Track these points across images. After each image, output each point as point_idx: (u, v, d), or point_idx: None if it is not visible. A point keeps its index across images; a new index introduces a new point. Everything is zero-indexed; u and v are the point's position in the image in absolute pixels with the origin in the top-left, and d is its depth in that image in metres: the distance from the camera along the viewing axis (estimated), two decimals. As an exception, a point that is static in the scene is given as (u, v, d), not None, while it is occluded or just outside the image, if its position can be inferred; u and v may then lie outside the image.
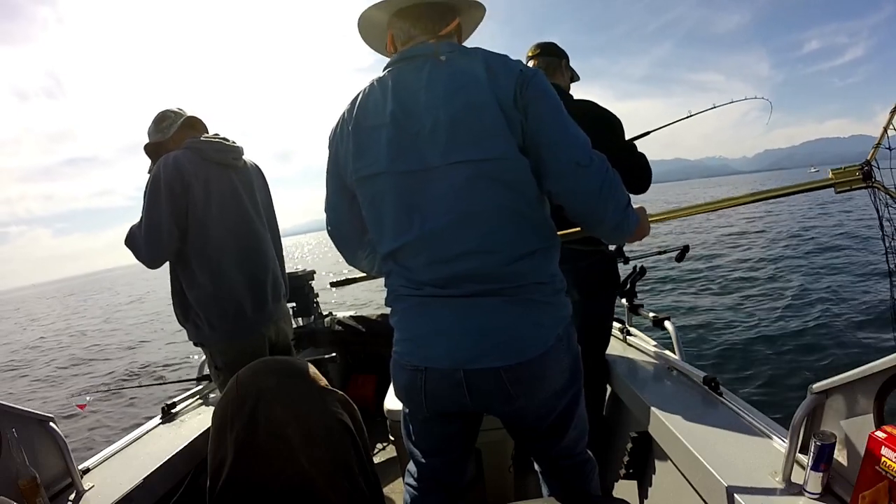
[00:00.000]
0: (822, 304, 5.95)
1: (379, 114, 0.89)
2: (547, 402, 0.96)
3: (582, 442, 1.09)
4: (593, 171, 0.86)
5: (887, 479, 0.74)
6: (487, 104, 0.82)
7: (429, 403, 0.95)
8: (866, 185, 1.12)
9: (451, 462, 1.08)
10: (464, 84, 0.84)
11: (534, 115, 0.84)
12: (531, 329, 0.89)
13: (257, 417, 1.13)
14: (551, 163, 0.86)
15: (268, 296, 1.67)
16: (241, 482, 1.11)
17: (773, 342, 4.91)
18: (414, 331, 0.94)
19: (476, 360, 0.87)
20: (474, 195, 0.85)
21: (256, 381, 1.18)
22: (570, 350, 0.96)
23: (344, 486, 1.14)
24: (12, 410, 1.11)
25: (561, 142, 0.85)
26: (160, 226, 1.48)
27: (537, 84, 0.85)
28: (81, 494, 1.20)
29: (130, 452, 1.41)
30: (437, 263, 0.88)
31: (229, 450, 1.12)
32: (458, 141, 0.84)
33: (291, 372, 1.22)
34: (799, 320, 5.46)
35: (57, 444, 1.20)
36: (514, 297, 0.88)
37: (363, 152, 0.91)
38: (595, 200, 0.89)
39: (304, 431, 1.13)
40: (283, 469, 1.11)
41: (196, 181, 1.50)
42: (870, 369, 0.81)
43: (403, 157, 0.87)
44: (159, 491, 1.31)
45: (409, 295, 0.93)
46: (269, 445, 1.11)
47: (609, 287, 1.74)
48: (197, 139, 1.56)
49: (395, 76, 0.90)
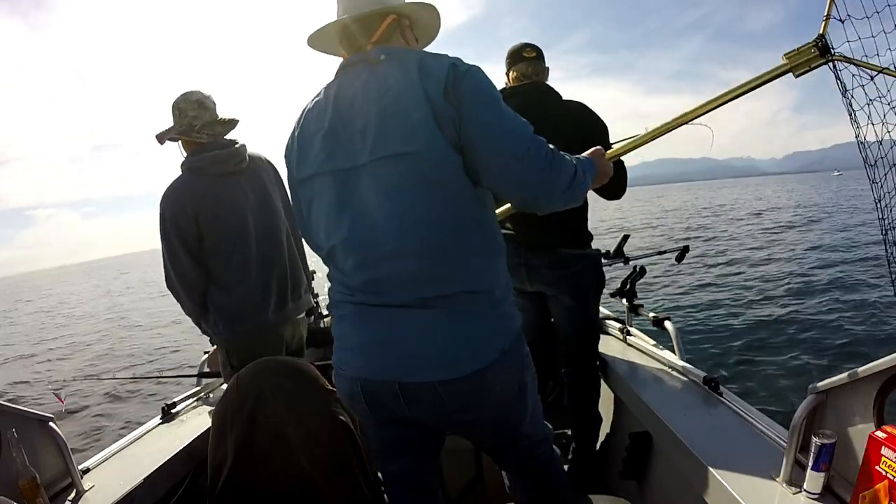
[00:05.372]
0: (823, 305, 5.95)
1: (319, 120, 0.91)
2: (490, 416, 0.94)
3: (541, 446, 1.08)
4: (532, 162, 0.84)
5: (887, 479, 0.74)
6: (415, 100, 0.81)
7: (373, 412, 0.95)
8: (825, 59, 1.05)
9: (414, 467, 1.07)
10: (394, 83, 0.83)
11: (467, 110, 0.81)
12: (467, 343, 0.85)
13: (257, 418, 1.13)
14: (488, 158, 0.83)
15: (287, 296, 1.67)
16: (241, 482, 1.11)
17: (773, 342, 4.92)
18: (350, 340, 0.93)
19: (410, 373, 0.86)
20: (400, 193, 0.83)
21: (257, 381, 1.18)
22: (518, 364, 0.93)
23: (344, 486, 1.14)
24: (12, 410, 1.11)
25: (496, 136, 0.83)
26: (184, 268, 1.54)
27: (470, 79, 0.82)
28: (81, 494, 1.20)
29: (130, 452, 1.41)
30: (365, 266, 0.87)
31: (229, 450, 1.12)
32: (385, 136, 0.83)
33: (292, 372, 1.22)
34: (799, 320, 5.46)
35: (57, 444, 1.20)
36: (447, 307, 0.85)
37: (303, 157, 0.93)
38: (537, 190, 0.87)
39: (305, 432, 1.13)
40: (283, 469, 1.11)
41: (201, 204, 1.50)
42: (870, 369, 0.81)
43: (335, 157, 0.88)
44: (159, 491, 1.31)
45: (344, 301, 0.93)
46: (269, 446, 1.11)
47: (599, 288, 1.74)
48: (196, 158, 1.53)
49: (337, 84, 0.92)
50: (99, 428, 5.22)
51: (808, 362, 4.37)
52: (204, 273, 1.58)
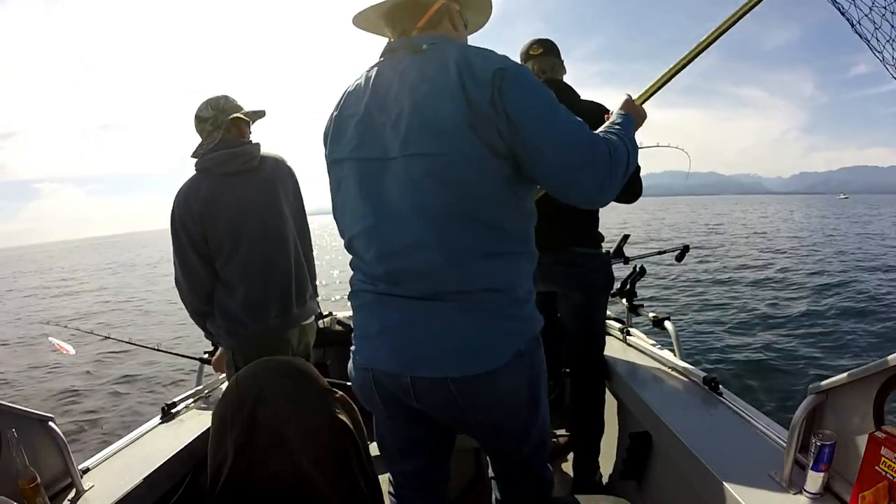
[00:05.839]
0: (823, 305, 5.95)
1: (357, 103, 0.90)
2: (500, 418, 0.93)
3: (540, 454, 1.06)
4: (591, 170, 0.81)
5: (887, 479, 0.74)
6: (450, 98, 0.78)
7: (385, 405, 0.94)
8: None
9: (425, 469, 1.06)
10: (431, 75, 0.81)
11: (517, 120, 0.78)
12: (483, 341, 0.84)
13: (257, 418, 1.13)
14: (546, 169, 0.81)
15: (291, 301, 1.66)
16: (241, 482, 1.10)
17: (773, 342, 4.92)
18: (366, 329, 0.93)
19: (422, 367, 0.85)
20: (425, 189, 0.82)
21: (256, 381, 1.18)
22: (532, 368, 0.91)
23: (344, 486, 1.14)
24: (12, 410, 1.11)
25: (550, 144, 0.80)
26: (192, 266, 1.56)
27: (518, 86, 0.79)
28: (81, 494, 1.20)
29: (130, 452, 1.41)
30: (386, 256, 0.87)
31: (229, 450, 1.12)
32: (415, 132, 0.81)
33: (291, 372, 1.22)
34: (799, 320, 5.45)
35: (57, 444, 1.20)
36: (465, 303, 0.83)
37: (337, 138, 0.93)
38: (601, 192, 0.83)
39: (304, 432, 1.13)
40: (283, 469, 1.11)
41: (204, 203, 1.52)
42: (870, 369, 0.81)
43: (366, 145, 0.88)
44: (159, 491, 1.31)
45: (364, 290, 0.92)
46: (268, 446, 1.11)
47: (609, 289, 1.75)
48: (205, 158, 1.55)
49: (378, 69, 0.91)
50: (99, 428, 5.21)
51: (808, 362, 4.37)
52: (212, 273, 1.59)
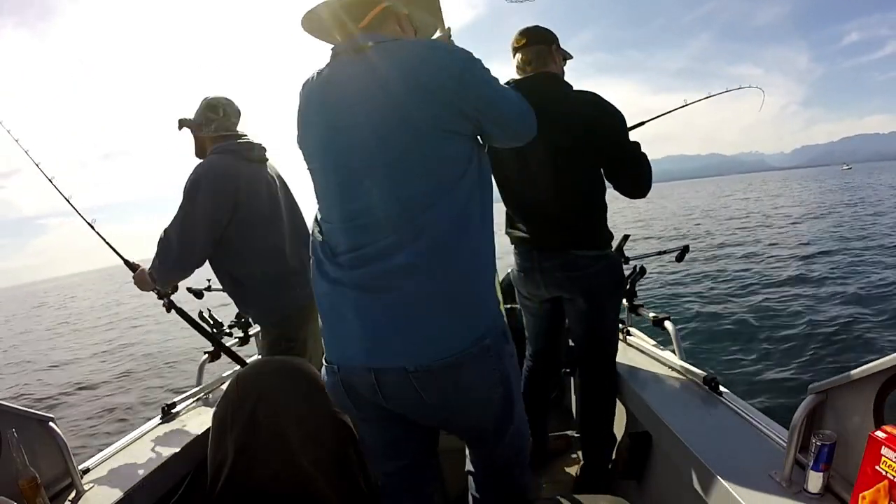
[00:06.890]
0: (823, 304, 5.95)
1: (313, 104, 0.92)
2: (470, 416, 0.92)
3: (518, 457, 1.05)
4: (522, 120, 0.97)
5: (887, 479, 0.74)
6: (407, 95, 0.82)
7: (356, 406, 0.93)
8: None
9: (409, 469, 1.05)
10: (384, 75, 0.84)
11: (471, 100, 0.85)
12: (440, 330, 0.83)
13: (257, 418, 1.13)
14: (498, 133, 0.95)
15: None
16: (241, 482, 1.10)
17: (773, 342, 4.91)
18: (334, 327, 0.91)
19: (379, 357, 0.84)
20: (393, 184, 0.84)
21: (257, 381, 1.18)
22: (501, 364, 0.89)
23: (344, 486, 1.14)
24: (12, 410, 1.11)
25: (505, 123, 0.93)
26: (195, 228, 1.54)
27: (478, 71, 0.86)
28: (81, 494, 1.20)
29: (130, 452, 1.41)
30: (356, 252, 0.86)
31: (229, 450, 1.12)
32: (375, 132, 0.84)
33: (292, 372, 1.22)
34: (799, 320, 5.45)
35: (57, 444, 1.20)
36: (425, 293, 0.82)
37: (304, 139, 0.95)
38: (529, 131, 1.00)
39: (305, 432, 1.13)
40: (283, 469, 1.11)
41: (240, 181, 1.59)
42: (870, 369, 0.81)
43: (330, 148, 0.89)
44: (159, 491, 1.31)
45: (332, 284, 0.90)
46: (269, 446, 1.11)
47: (618, 292, 1.66)
48: (231, 143, 1.63)
49: (330, 69, 0.92)
50: (99, 428, 5.22)
51: (808, 362, 4.37)
52: (207, 250, 1.59)
